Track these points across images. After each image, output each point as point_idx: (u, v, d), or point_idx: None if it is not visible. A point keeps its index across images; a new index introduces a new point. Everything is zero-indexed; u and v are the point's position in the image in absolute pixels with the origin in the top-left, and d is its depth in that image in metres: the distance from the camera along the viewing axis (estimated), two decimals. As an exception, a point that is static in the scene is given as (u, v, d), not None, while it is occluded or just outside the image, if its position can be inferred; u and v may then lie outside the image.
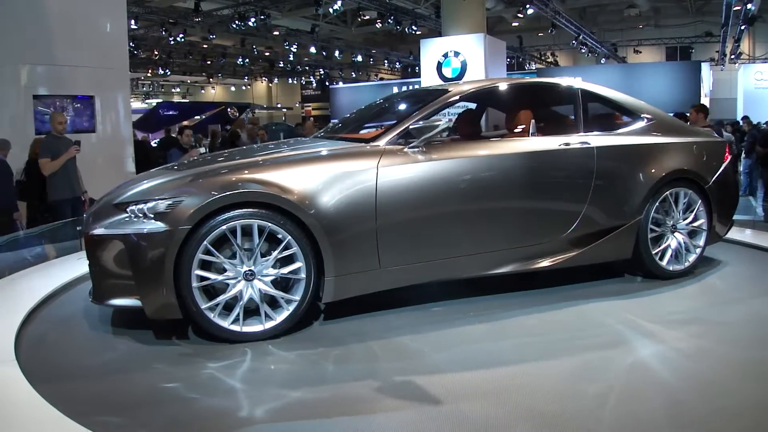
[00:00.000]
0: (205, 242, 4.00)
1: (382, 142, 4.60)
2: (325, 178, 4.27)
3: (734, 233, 6.25)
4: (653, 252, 5.39)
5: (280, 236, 4.15)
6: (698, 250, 5.60)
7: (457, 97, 5.15)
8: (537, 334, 4.30)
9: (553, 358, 3.86)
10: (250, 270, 4.15)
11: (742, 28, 24.95)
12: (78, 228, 7.36)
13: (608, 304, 4.87)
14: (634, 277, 5.58)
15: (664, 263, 5.44)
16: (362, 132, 5.52)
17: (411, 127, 4.63)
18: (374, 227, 4.37)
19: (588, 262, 5.22)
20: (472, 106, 6.43)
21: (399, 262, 4.53)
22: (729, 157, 5.91)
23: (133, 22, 22.34)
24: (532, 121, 5.25)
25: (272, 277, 4.20)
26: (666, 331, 4.28)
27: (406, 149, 4.58)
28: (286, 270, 4.20)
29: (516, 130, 5.45)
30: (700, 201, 5.54)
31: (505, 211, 4.90)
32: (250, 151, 5.14)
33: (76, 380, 3.68)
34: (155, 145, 18.97)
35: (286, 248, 4.17)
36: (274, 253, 4.16)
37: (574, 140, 5.20)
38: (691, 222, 5.56)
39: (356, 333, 4.33)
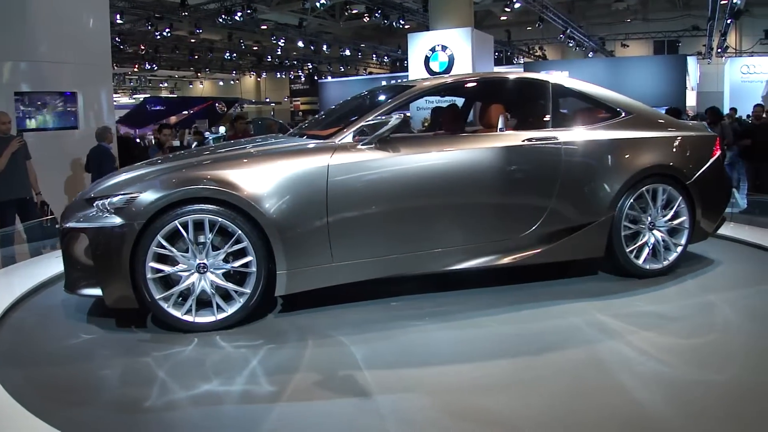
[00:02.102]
0: (158, 236, 4.17)
1: (336, 140, 4.65)
2: (276, 175, 4.38)
3: (722, 228, 6.09)
4: (627, 250, 5.25)
5: (231, 230, 4.28)
6: (679, 249, 5.43)
7: (417, 94, 5.17)
8: (490, 332, 4.27)
9: (501, 356, 3.85)
10: (203, 263, 4.28)
11: (729, 21, 25.04)
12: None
13: (575, 302, 4.80)
14: (609, 275, 5.45)
15: (639, 261, 5.30)
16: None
17: (365, 123, 4.66)
18: (325, 223, 4.44)
19: (555, 259, 5.15)
20: (459, 101, 6.43)
21: (352, 258, 4.58)
22: (718, 152, 5.72)
23: (118, 16, 22.20)
24: (501, 116, 5.20)
25: (224, 270, 4.33)
26: (632, 330, 4.23)
27: (359, 146, 4.61)
28: (236, 264, 4.32)
29: (482, 125, 5.45)
30: (680, 198, 5.37)
31: (463, 207, 4.87)
32: (216, 148, 5.34)
33: (31, 365, 3.93)
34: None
35: (237, 242, 4.29)
36: (225, 247, 4.29)
37: (541, 135, 5.12)
38: (671, 219, 5.39)
39: (302, 327, 4.42)
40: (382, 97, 5.33)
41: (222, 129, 16.94)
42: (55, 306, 4.99)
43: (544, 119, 5.34)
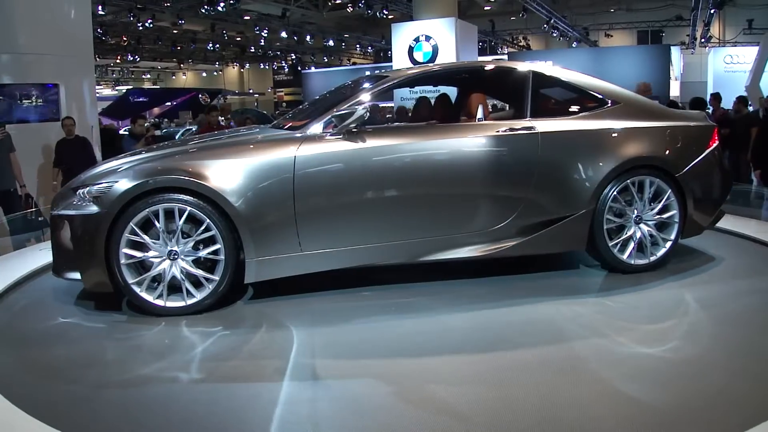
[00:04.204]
0: (130, 223, 4.36)
1: (307, 131, 4.72)
2: (244, 167, 4.49)
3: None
4: (610, 244, 5.09)
5: (200, 219, 4.44)
6: (668, 244, 5.23)
7: (390, 84, 5.20)
8: (458, 325, 4.27)
9: (466, 351, 3.83)
10: (173, 250, 4.45)
11: (712, 11, 25.19)
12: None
13: (549, 296, 4.71)
14: (591, 270, 5.33)
15: (623, 256, 5.13)
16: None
17: (333, 115, 4.70)
18: (293, 213, 4.53)
19: (533, 252, 5.06)
20: (451, 90, 6.40)
21: (320, 247, 4.65)
22: (714, 143, 5.47)
23: (100, 7, 21.97)
24: (480, 105, 5.16)
25: (194, 257, 4.49)
26: (600, 328, 4.14)
27: (327, 137, 4.67)
28: (205, 251, 4.47)
29: (461, 115, 5.44)
30: (670, 191, 5.16)
31: (433, 198, 4.85)
32: (191, 140, 5.53)
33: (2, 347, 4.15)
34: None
35: (206, 230, 4.44)
36: (194, 235, 4.45)
37: (517, 125, 5.02)
38: (660, 213, 5.19)
39: (264, 314, 4.53)
40: (358, 88, 5.27)
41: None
42: (47, 291, 5.17)
43: (522, 108, 5.21)
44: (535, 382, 3.37)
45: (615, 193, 5.07)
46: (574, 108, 5.49)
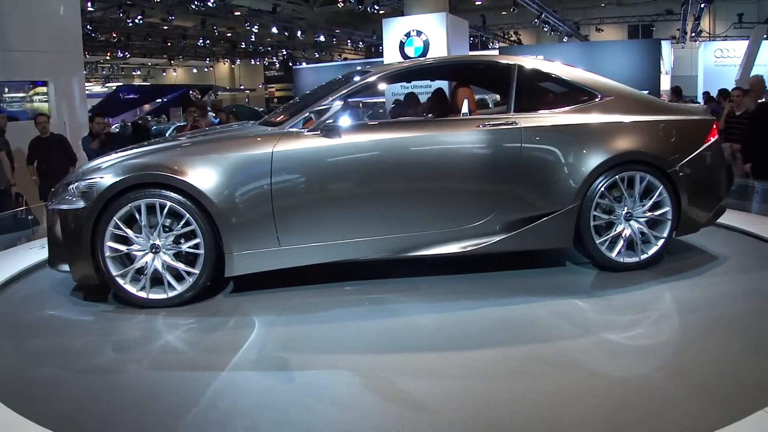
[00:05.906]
0: (114, 218, 4.48)
1: (285, 127, 4.76)
2: (223, 162, 4.57)
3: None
4: (597, 241, 4.97)
5: (180, 213, 4.53)
6: (661, 242, 5.08)
7: (373, 80, 5.14)
8: (433, 324, 4.24)
9: (435, 348, 3.82)
10: (155, 243, 4.55)
11: (702, 6, 25.20)
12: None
13: (528, 295, 4.62)
14: (578, 267, 5.23)
15: (613, 254, 5.00)
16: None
17: (311, 111, 4.74)
18: (270, 209, 4.58)
19: (516, 248, 4.98)
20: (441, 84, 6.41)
21: (298, 242, 4.68)
22: (713, 138, 5.29)
23: (89, 4, 21.88)
24: (466, 100, 5.14)
25: (175, 251, 4.58)
26: (575, 329, 4.04)
27: (306, 133, 4.70)
28: (185, 245, 4.56)
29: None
30: (662, 187, 5.00)
31: (412, 193, 4.82)
32: (180, 136, 5.64)
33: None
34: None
35: (187, 225, 4.53)
36: (174, 229, 4.55)
37: (498, 120, 4.95)
38: (651, 209, 5.04)
39: (239, 308, 4.61)
40: (342, 84, 5.21)
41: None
42: (43, 283, 5.30)
43: (507, 103, 5.15)
44: (500, 378, 3.40)
45: (603, 189, 4.96)
46: (561, 102, 5.35)
